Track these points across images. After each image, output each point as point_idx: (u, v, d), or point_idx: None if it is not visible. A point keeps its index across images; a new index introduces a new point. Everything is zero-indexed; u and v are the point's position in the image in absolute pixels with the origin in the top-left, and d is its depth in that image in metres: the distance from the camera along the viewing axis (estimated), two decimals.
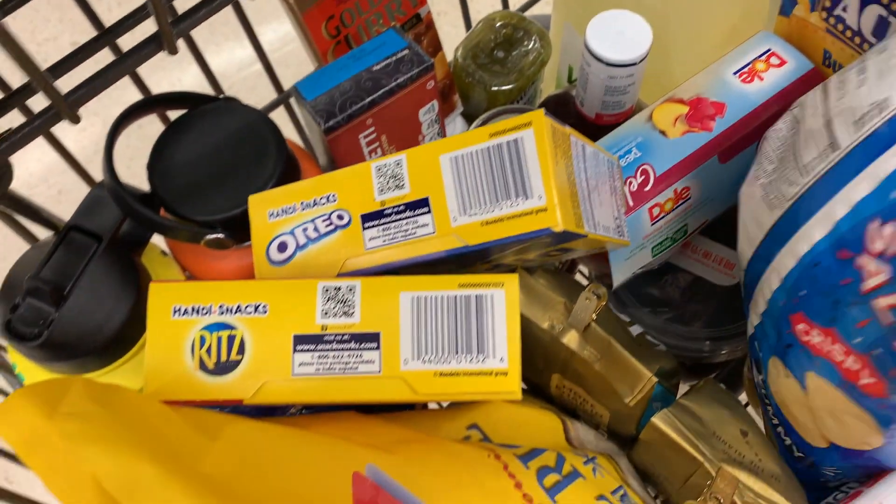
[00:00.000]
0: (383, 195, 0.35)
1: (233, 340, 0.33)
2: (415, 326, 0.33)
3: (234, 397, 0.33)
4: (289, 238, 0.37)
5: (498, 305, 0.34)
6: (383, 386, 0.33)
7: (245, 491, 0.30)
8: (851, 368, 0.36)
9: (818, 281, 0.36)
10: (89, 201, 0.41)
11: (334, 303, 0.34)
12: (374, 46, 0.46)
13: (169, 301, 0.34)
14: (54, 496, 0.27)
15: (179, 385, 0.33)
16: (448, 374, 0.33)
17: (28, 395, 0.28)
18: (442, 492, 0.34)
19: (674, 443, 0.42)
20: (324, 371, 0.33)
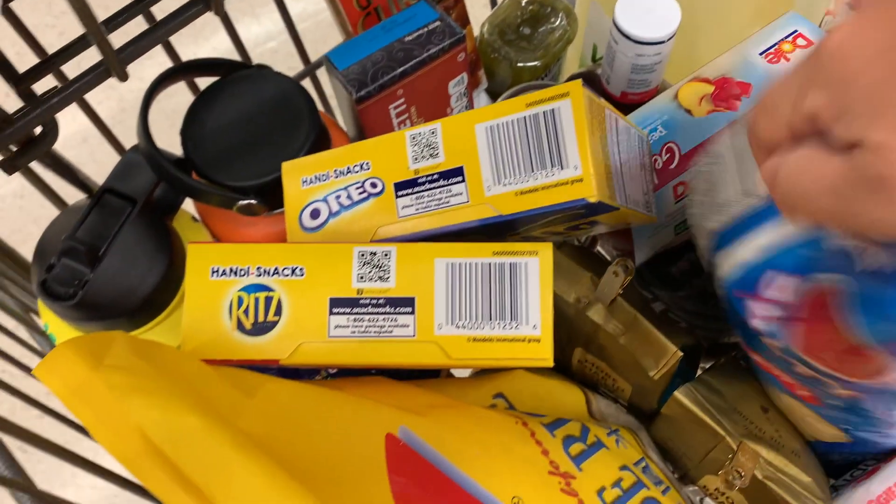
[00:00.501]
0: (417, 164, 0.35)
1: (270, 302, 0.34)
2: (449, 292, 0.34)
3: (271, 357, 0.33)
4: (321, 205, 0.37)
5: (532, 273, 0.34)
6: (417, 350, 0.33)
7: (280, 448, 0.31)
8: (787, 381, 0.38)
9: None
10: (123, 165, 0.42)
11: (370, 267, 0.34)
12: (405, 18, 0.46)
13: (207, 262, 0.34)
14: (100, 445, 0.28)
15: (217, 344, 0.33)
16: (481, 340, 0.33)
17: (74, 347, 0.29)
18: (472, 456, 0.35)
19: (696, 417, 0.43)
20: (359, 334, 0.33)
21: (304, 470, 0.30)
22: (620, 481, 0.39)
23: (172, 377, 0.30)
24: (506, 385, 0.42)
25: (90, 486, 0.97)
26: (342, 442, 0.33)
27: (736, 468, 0.41)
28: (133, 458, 0.27)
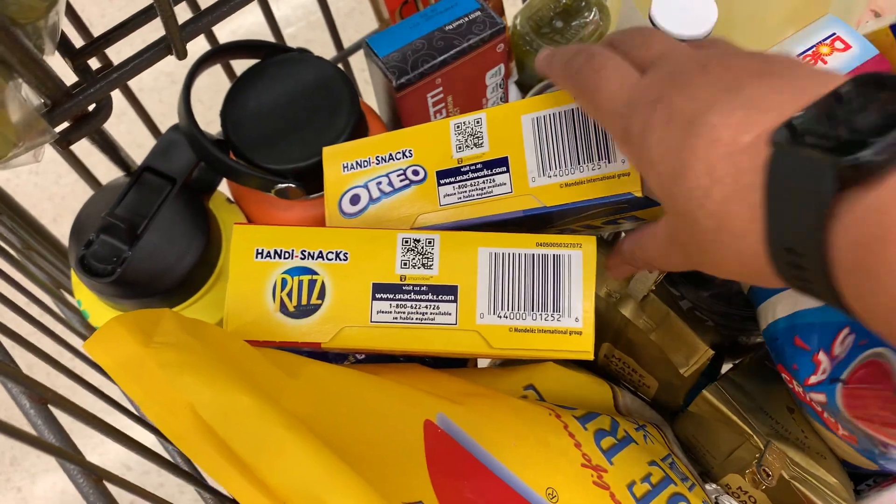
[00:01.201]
0: (461, 153, 0.35)
1: (314, 285, 0.34)
2: (492, 282, 0.34)
3: (313, 340, 0.33)
4: (362, 191, 0.37)
5: (575, 266, 0.34)
6: (458, 338, 0.33)
7: (321, 428, 0.31)
8: (829, 420, 0.38)
9: (777, 353, 0.39)
10: (164, 144, 0.42)
11: (413, 254, 0.34)
12: (445, 6, 0.46)
13: (252, 243, 0.34)
14: (151, 420, 0.28)
15: (260, 326, 0.33)
16: (522, 330, 0.33)
17: (124, 323, 0.29)
18: (508, 446, 0.35)
19: (723, 415, 0.43)
20: (401, 320, 0.34)
21: (345, 451, 0.30)
22: (650, 476, 0.39)
23: (221, 355, 0.30)
24: (536, 377, 0.42)
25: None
26: (381, 426, 0.33)
27: (764, 468, 0.41)
28: (183, 435, 0.27)
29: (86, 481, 0.28)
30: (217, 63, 0.43)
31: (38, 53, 0.29)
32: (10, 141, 0.28)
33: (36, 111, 0.29)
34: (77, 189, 1.20)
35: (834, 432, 0.39)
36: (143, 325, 0.30)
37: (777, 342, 0.39)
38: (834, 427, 0.38)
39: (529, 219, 0.36)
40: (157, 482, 1.00)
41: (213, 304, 0.42)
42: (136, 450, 0.33)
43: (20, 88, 0.30)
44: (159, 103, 1.22)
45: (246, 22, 1.22)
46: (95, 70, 0.34)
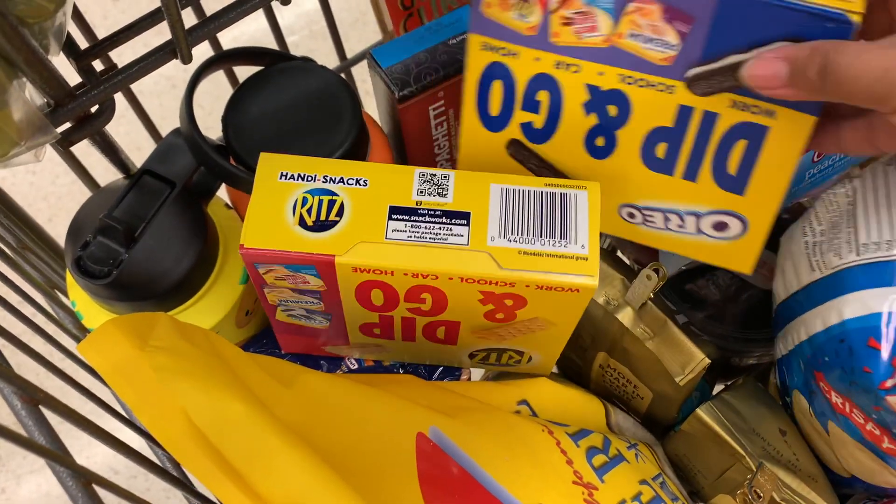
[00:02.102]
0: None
1: (333, 204, 0.35)
2: (503, 210, 0.35)
3: (328, 252, 0.33)
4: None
5: (581, 202, 0.35)
6: (470, 258, 0.34)
7: (314, 438, 0.31)
8: (873, 432, 0.38)
9: (841, 356, 0.38)
10: (164, 147, 0.42)
11: (430, 185, 0.35)
12: (450, 21, 0.47)
13: (277, 167, 0.35)
14: (143, 424, 0.28)
15: (277, 235, 0.34)
16: (531, 254, 0.34)
17: (119, 326, 0.29)
18: (500, 460, 0.35)
19: (717, 436, 0.43)
20: (415, 238, 0.34)
21: (336, 461, 0.30)
22: (640, 495, 0.39)
23: (216, 362, 0.30)
24: (530, 392, 0.43)
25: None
26: (374, 437, 0.33)
27: (755, 489, 0.41)
28: (175, 440, 0.27)
29: (75, 484, 0.27)
30: (220, 69, 0.43)
31: (43, 53, 0.29)
32: (12, 140, 0.28)
33: (39, 111, 0.29)
34: (73, 189, 1.20)
35: (875, 445, 0.38)
36: (139, 328, 0.30)
37: (843, 344, 0.37)
38: (877, 440, 0.38)
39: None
40: (144, 486, 1.00)
41: (209, 309, 0.42)
42: (125, 453, 0.33)
43: (24, 88, 0.30)
44: (159, 107, 1.22)
45: (249, 29, 1.23)
46: (100, 72, 0.34)
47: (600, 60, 0.36)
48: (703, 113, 0.36)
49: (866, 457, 0.39)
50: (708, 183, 0.38)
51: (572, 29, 0.35)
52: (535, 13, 0.35)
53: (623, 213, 0.41)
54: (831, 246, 0.39)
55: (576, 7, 0.35)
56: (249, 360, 0.33)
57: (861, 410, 0.37)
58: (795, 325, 0.42)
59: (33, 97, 0.31)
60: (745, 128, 0.36)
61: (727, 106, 0.36)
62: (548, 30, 0.36)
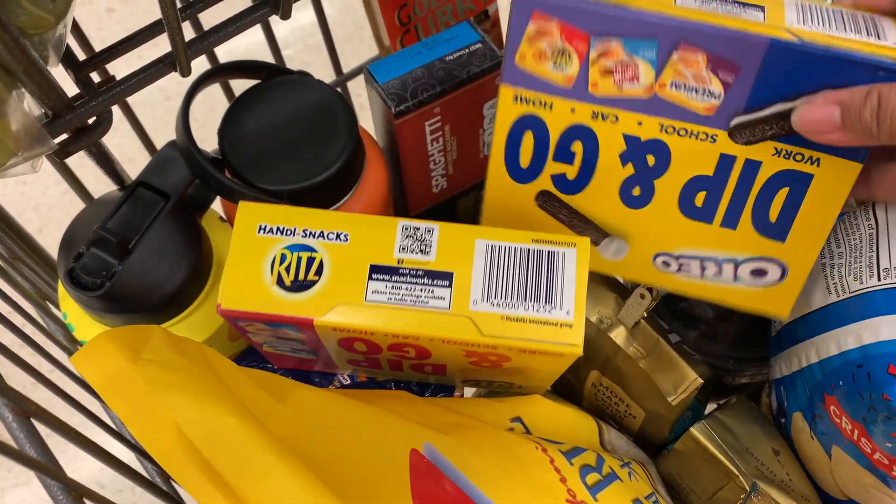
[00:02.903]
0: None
1: (312, 262, 0.34)
2: (487, 271, 0.34)
3: (306, 315, 0.33)
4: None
5: (569, 262, 0.34)
6: (451, 322, 0.33)
7: (307, 454, 0.31)
8: (881, 461, 0.37)
9: (859, 382, 0.37)
10: (159, 160, 0.42)
11: (412, 240, 0.35)
12: (447, 37, 0.47)
13: (256, 219, 0.35)
14: (135, 438, 0.27)
15: (254, 297, 0.33)
16: (514, 319, 0.34)
17: (112, 338, 0.29)
18: (493, 477, 0.35)
19: (711, 455, 0.43)
20: (395, 301, 0.34)
21: (329, 478, 0.30)
22: None
23: (209, 375, 0.30)
24: (524, 409, 0.42)
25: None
26: (368, 453, 0.33)
27: None
28: (167, 454, 0.27)
29: (66, 498, 0.27)
30: (217, 82, 0.43)
31: (43, 65, 0.29)
32: (10, 150, 0.28)
33: (37, 121, 0.29)
34: (64, 200, 1.20)
35: (884, 473, 0.37)
36: (132, 340, 0.29)
37: (861, 370, 0.37)
38: (885, 467, 0.37)
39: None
40: (130, 501, 0.99)
41: (202, 323, 0.42)
42: (116, 467, 0.33)
43: (23, 98, 0.30)
44: (152, 119, 1.22)
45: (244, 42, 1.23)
46: (97, 83, 0.34)
47: (640, 110, 0.36)
48: (745, 161, 0.36)
49: (870, 482, 0.38)
50: (748, 230, 0.38)
51: (613, 79, 0.35)
52: (573, 64, 0.35)
53: (658, 263, 0.41)
54: (851, 269, 0.39)
55: (617, 57, 0.34)
56: (243, 374, 0.32)
57: (871, 439, 0.37)
58: (804, 347, 0.41)
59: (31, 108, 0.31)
60: (789, 175, 0.36)
61: (770, 154, 0.35)
62: (586, 80, 0.35)
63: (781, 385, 0.44)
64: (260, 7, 0.37)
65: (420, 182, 0.51)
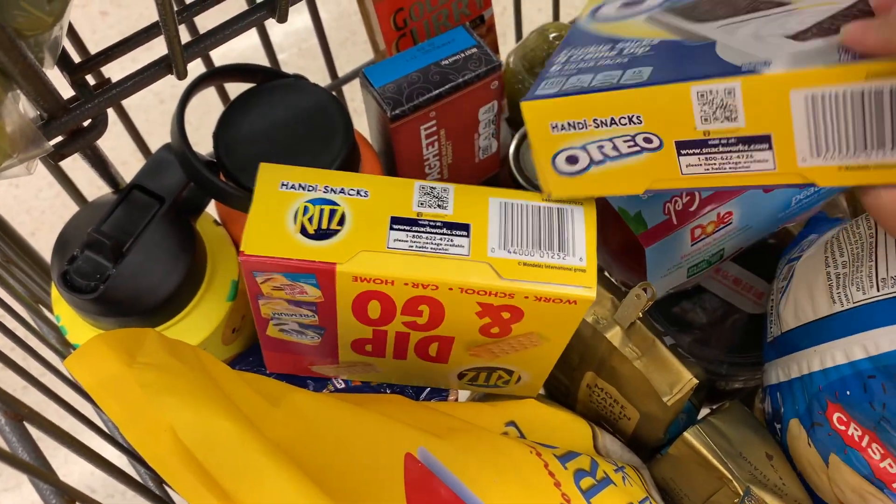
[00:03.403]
0: (707, 125, 0.31)
1: (334, 213, 0.35)
2: (502, 223, 0.35)
3: (330, 259, 0.33)
4: (579, 153, 0.35)
5: (578, 218, 0.36)
6: (470, 268, 0.34)
7: (301, 458, 0.31)
8: (888, 470, 0.37)
9: (871, 392, 0.37)
10: (153, 163, 0.42)
11: (430, 197, 0.36)
12: (443, 42, 0.47)
13: (278, 177, 0.35)
14: (129, 441, 0.27)
15: (278, 243, 0.33)
16: (531, 265, 0.34)
17: (107, 341, 0.29)
18: (487, 482, 0.35)
19: (704, 459, 0.43)
20: (417, 248, 0.34)
21: (324, 481, 0.30)
22: None
23: (204, 379, 0.30)
24: (518, 413, 0.42)
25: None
26: (362, 457, 0.33)
27: None
28: (161, 457, 0.27)
29: (58, 502, 0.27)
30: (212, 85, 0.43)
31: (39, 67, 0.29)
32: (5, 152, 0.28)
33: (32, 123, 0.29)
34: (56, 203, 1.19)
35: (884, 483, 0.37)
36: (127, 344, 0.29)
37: (873, 380, 0.37)
38: (890, 478, 0.37)
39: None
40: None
41: (196, 326, 0.42)
42: (109, 471, 0.33)
43: (18, 100, 0.29)
44: (146, 122, 1.21)
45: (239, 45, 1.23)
46: (93, 86, 0.34)
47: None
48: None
49: (869, 491, 0.38)
50: None
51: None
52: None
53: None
54: (853, 279, 0.39)
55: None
56: (237, 377, 0.32)
57: (885, 446, 0.37)
58: (805, 354, 0.41)
59: (26, 110, 0.31)
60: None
61: None
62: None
63: (778, 391, 0.44)
64: (256, 10, 0.37)
65: None
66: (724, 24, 0.34)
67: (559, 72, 0.36)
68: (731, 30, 0.33)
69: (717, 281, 0.57)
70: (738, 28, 0.33)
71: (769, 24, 0.32)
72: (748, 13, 0.34)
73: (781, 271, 0.49)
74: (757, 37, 0.32)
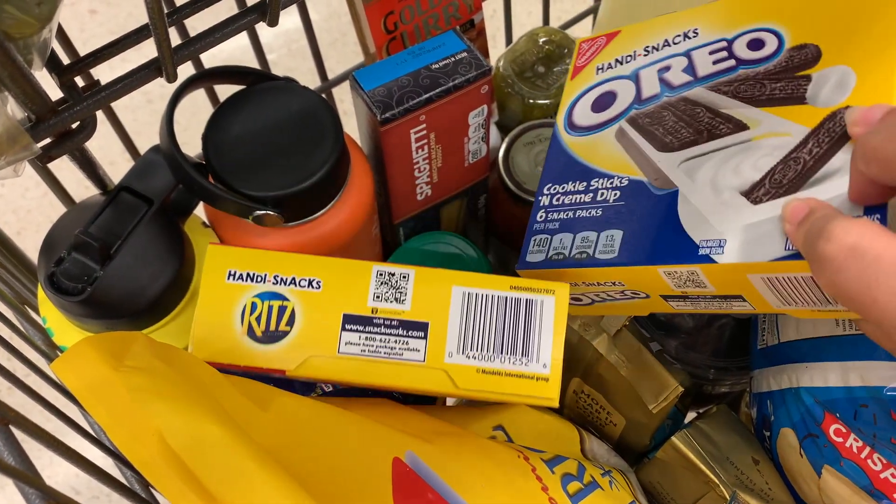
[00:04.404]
0: (683, 287, 0.35)
1: (283, 311, 0.33)
2: (463, 321, 0.34)
3: (278, 367, 0.33)
4: (580, 294, 0.39)
5: (547, 312, 0.34)
6: (425, 375, 0.33)
7: (290, 462, 0.31)
8: (889, 481, 0.37)
9: (860, 420, 0.37)
10: (142, 164, 0.41)
11: (387, 287, 0.34)
12: (433, 45, 0.47)
13: (225, 264, 0.34)
14: (116, 446, 0.27)
15: (225, 348, 0.33)
16: (490, 373, 0.34)
17: (94, 344, 0.29)
18: (475, 486, 0.35)
19: (691, 464, 0.43)
20: (369, 353, 0.33)
21: (312, 486, 0.30)
22: None
23: (192, 383, 0.30)
24: (506, 418, 0.42)
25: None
26: (350, 462, 0.33)
27: None
28: (149, 462, 0.27)
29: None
30: (202, 87, 0.43)
31: (27, 69, 0.28)
32: None
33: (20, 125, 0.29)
34: (43, 203, 1.18)
35: (884, 494, 0.38)
36: (114, 347, 0.29)
37: (866, 409, 0.37)
38: (891, 488, 0.37)
39: None
40: None
41: (183, 329, 0.42)
42: (95, 475, 0.33)
43: (6, 102, 0.29)
44: (133, 122, 1.21)
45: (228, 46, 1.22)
46: (82, 88, 0.34)
47: None
48: None
49: (863, 501, 0.39)
50: None
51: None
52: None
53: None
54: None
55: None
56: (226, 381, 0.32)
57: (886, 460, 0.37)
58: (799, 368, 0.41)
59: (14, 111, 0.31)
60: None
61: None
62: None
63: (769, 399, 0.44)
64: (247, 14, 0.36)
65: (404, 190, 0.51)
66: (686, 158, 0.37)
67: (543, 228, 0.40)
68: (691, 169, 0.36)
69: None
70: (698, 169, 0.36)
71: (725, 166, 0.35)
72: (708, 140, 0.36)
73: None
74: (714, 188, 0.34)
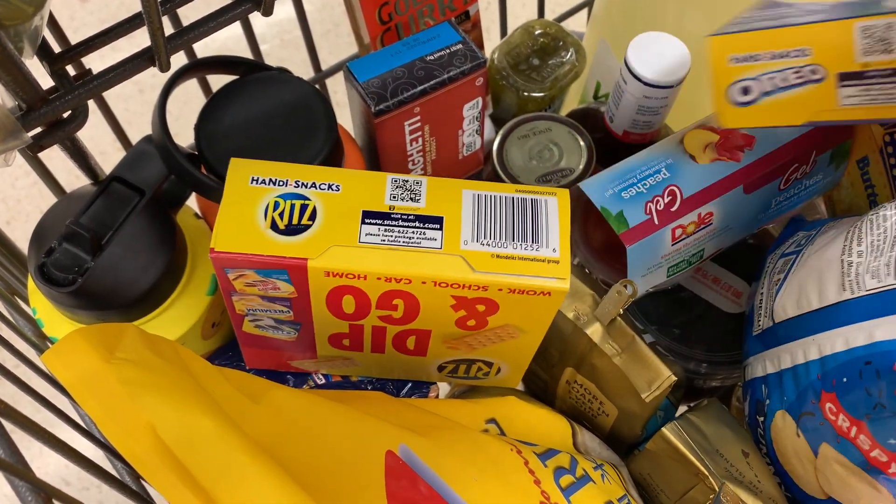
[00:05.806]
0: (867, 57, 0.36)
1: (305, 208, 0.34)
2: (475, 215, 0.35)
3: (301, 255, 0.33)
4: (752, 84, 0.39)
5: (552, 209, 0.36)
6: (443, 261, 0.34)
7: (282, 455, 0.31)
8: (879, 459, 0.38)
9: (866, 379, 0.37)
10: (134, 155, 0.41)
11: (402, 190, 0.36)
12: (428, 37, 0.47)
13: (248, 172, 0.35)
14: (108, 439, 0.27)
15: (249, 238, 0.33)
16: (504, 257, 0.34)
17: (85, 336, 0.28)
18: (468, 479, 0.35)
19: (682, 455, 0.43)
20: (389, 242, 0.34)
21: (305, 479, 0.30)
22: None
23: (184, 376, 0.29)
24: (498, 411, 0.42)
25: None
26: (343, 454, 0.33)
27: None
28: (141, 455, 0.27)
29: (34, 499, 0.27)
30: (194, 77, 0.43)
31: (18, 56, 0.28)
32: None
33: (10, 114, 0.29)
34: (33, 193, 1.17)
35: (880, 470, 0.38)
36: (105, 339, 0.29)
37: (869, 366, 0.37)
38: (883, 465, 0.38)
39: None
40: (97, 499, 0.97)
41: (176, 320, 0.42)
42: (86, 467, 0.32)
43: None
44: (125, 111, 1.20)
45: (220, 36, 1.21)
46: (73, 77, 0.34)
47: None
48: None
49: (858, 481, 0.39)
50: None
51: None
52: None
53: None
54: (869, 268, 0.39)
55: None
56: (218, 373, 0.32)
57: (871, 436, 0.37)
58: (802, 343, 0.41)
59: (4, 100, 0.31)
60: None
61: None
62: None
63: (763, 383, 0.44)
64: (242, 3, 0.36)
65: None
66: None
67: (747, 18, 0.41)
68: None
69: (697, 280, 0.57)
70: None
71: None
72: None
73: (775, 265, 0.49)
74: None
